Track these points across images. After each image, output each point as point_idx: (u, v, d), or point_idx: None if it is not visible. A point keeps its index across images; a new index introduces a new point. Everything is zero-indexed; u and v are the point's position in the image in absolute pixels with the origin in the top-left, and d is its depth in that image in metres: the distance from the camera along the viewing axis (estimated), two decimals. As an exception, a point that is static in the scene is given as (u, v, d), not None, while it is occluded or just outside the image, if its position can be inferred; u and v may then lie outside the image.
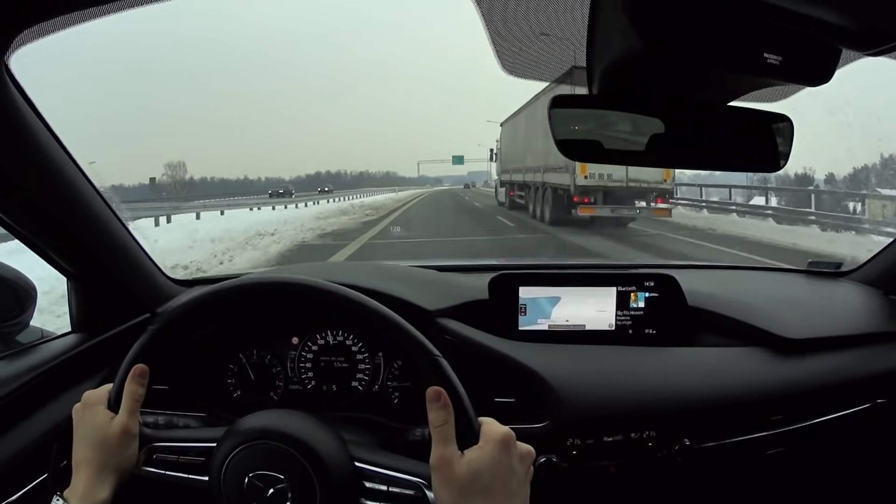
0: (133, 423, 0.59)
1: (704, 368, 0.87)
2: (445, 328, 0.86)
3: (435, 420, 0.52)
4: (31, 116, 0.65)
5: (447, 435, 0.52)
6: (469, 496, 0.50)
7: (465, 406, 0.53)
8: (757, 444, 0.85)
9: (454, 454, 0.51)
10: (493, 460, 0.51)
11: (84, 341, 0.85)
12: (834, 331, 0.94)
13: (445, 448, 0.51)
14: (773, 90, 0.68)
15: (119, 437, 0.57)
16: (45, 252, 0.78)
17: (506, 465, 0.51)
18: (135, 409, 0.59)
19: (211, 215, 12.85)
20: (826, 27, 0.54)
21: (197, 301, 0.61)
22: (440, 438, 0.52)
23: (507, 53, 0.65)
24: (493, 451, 0.51)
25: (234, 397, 0.89)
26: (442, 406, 0.52)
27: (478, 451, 0.51)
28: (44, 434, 0.75)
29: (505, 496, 0.50)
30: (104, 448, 0.57)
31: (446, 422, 0.52)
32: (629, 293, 0.93)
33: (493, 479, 0.50)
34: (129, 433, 0.58)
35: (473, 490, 0.50)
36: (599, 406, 0.80)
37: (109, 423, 0.58)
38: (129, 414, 0.58)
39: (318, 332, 0.89)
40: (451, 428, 0.52)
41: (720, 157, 0.70)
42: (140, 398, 0.59)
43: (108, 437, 0.57)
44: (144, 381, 0.60)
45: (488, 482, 0.50)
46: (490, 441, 0.52)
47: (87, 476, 0.56)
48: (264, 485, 0.55)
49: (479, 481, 0.50)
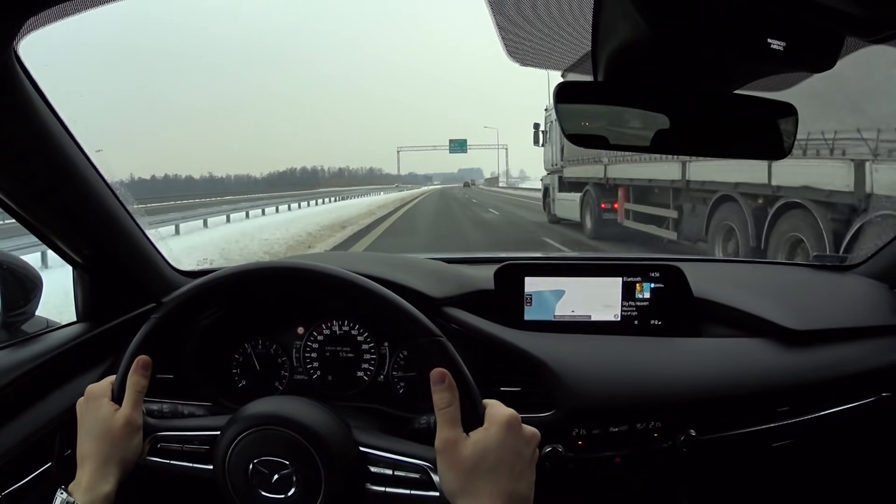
0: (137, 415, 0.59)
1: (710, 359, 0.86)
2: (451, 316, 0.86)
3: (440, 402, 0.52)
4: (40, 105, 0.65)
5: (452, 417, 0.51)
6: (475, 478, 0.49)
7: (470, 388, 0.53)
8: (762, 435, 0.84)
9: (460, 436, 0.51)
10: (499, 442, 0.51)
11: (89, 331, 0.85)
12: (840, 323, 0.93)
13: (451, 430, 0.51)
14: (778, 78, 0.69)
15: (123, 429, 0.57)
16: (52, 241, 0.79)
17: (511, 447, 0.51)
18: (138, 401, 0.59)
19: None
20: (830, 13, 0.54)
21: (197, 289, 0.61)
22: (445, 420, 0.51)
23: (513, 41, 0.65)
24: (499, 433, 0.51)
25: (240, 387, 0.89)
26: (447, 387, 0.52)
27: (483, 433, 0.51)
28: (48, 423, 0.75)
29: (511, 478, 0.50)
30: (108, 440, 0.57)
31: (451, 403, 0.52)
32: (635, 284, 0.92)
33: (499, 462, 0.50)
34: (133, 425, 0.58)
35: (479, 472, 0.49)
36: (605, 396, 0.79)
37: (113, 415, 0.58)
38: (133, 406, 0.58)
39: (323, 322, 0.89)
40: (457, 410, 0.52)
41: (725, 145, 0.70)
42: (143, 389, 0.59)
43: (112, 429, 0.57)
44: (147, 373, 0.59)
45: (494, 464, 0.50)
46: (495, 423, 0.52)
47: (92, 469, 0.56)
48: (269, 471, 0.55)
49: (485, 463, 0.50)
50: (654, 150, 0.71)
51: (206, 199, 23.01)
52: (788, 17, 0.55)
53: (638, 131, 0.71)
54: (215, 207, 15.26)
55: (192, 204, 17.46)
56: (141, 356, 0.59)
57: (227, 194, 26.79)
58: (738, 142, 0.71)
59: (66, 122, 0.70)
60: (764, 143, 0.71)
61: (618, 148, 0.70)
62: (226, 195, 25.47)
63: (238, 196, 26.44)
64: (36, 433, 0.74)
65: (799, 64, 0.60)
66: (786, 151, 0.69)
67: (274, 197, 22.73)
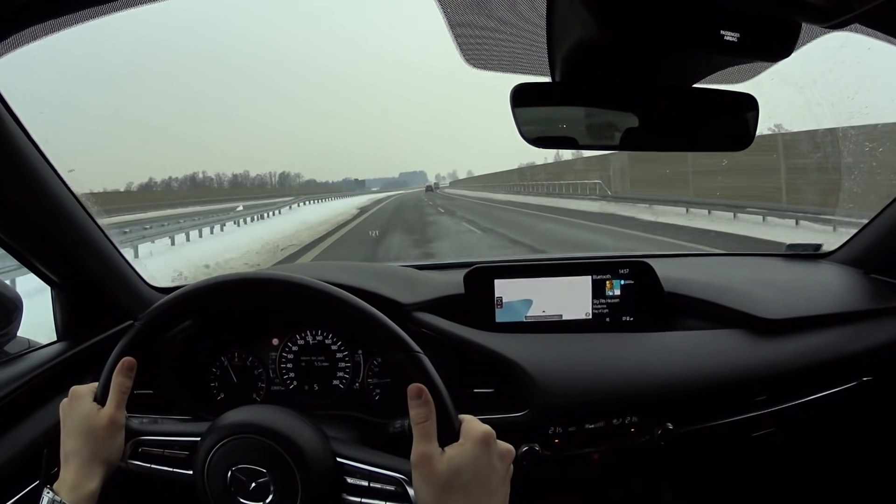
0: (120, 415, 0.59)
1: (683, 352, 0.87)
2: (422, 321, 0.86)
3: (416, 417, 0.52)
4: (11, 125, 0.65)
5: (428, 432, 0.52)
6: (449, 493, 0.50)
7: (446, 403, 0.53)
8: (742, 425, 0.85)
9: (435, 451, 0.51)
10: (474, 457, 0.51)
11: (69, 349, 0.86)
12: (815, 310, 0.93)
13: (426, 445, 0.51)
14: (738, 70, 0.68)
15: (107, 428, 0.58)
16: (29, 261, 0.79)
17: (486, 462, 0.52)
18: (122, 401, 0.59)
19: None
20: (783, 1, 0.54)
21: (177, 298, 0.61)
22: (421, 435, 0.52)
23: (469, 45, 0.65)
24: (474, 449, 0.51)
25: (218, 399, 0.89)
26: (423, 403, 0.52)
27: (458, 448, 0.52)
28: (33, 441, 0.76)
29: (485, 493, 0.51)
30: (92, 438, 0.58)
31: (428, 418, 0.52)
32: (604, 281, 0.93)
33: (473, 477, 0.51)
34: (117, 424, 0.59)
35: (453, 487, 0.50)
36: (579, 393, 0.80)
37: (97, 413, 0.59)
38: (117, 406, 0.59)
39: (297, 333, 0.90)
40: (433, 425, 0.52)
41: (687, 139, 0.70)
42: (127, 390, 0.60)
43: (96, 427, 0.58)
44: (132, 374, 0.60)
45: (468, 479, 0.50)
46: (470, 438, 0.52)
47: (76, 467, 0.57)
48: (247, 478, 0.55)
49: (459, 478, 0.50)
50: (622, 148, 0.71)
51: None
52: (739, 8, 0.55)
53: (603, 130, 0.70)
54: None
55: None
56: (126, 358, 0.60)
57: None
58: (704, 135, 0.71)
59: (39, 142, 0.71)
60: (728, 134, 0.70)
61: (586, 147, 0.69)
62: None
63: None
64: (21, 452, 0.74)
65: (755, 54, 0.59)
66: (750, 141, 0.69)
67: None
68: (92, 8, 0.56)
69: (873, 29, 0.64)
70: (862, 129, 3.52)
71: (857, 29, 0.64)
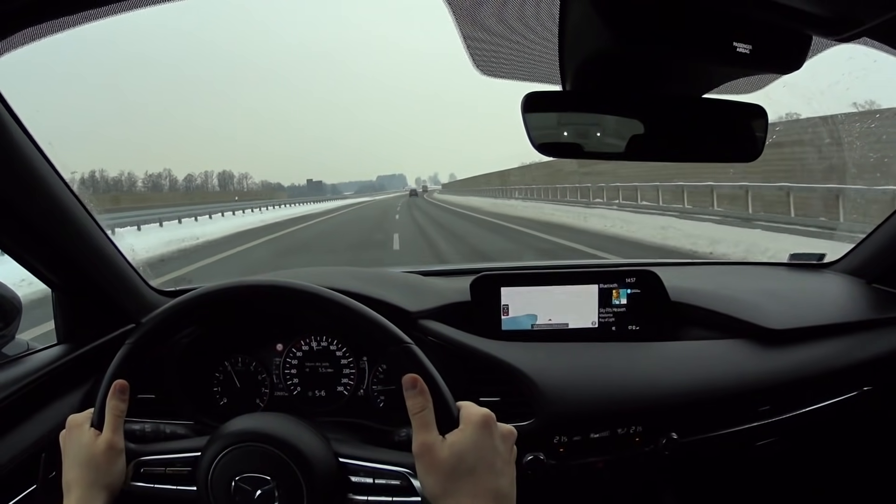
0: (118, 439, 0.59)
1: (689, 362, 0.87)
2: (429, 329, 0.86)
3: (413, 407, 0.52)
4: (13, 127, 0.65)
5: (427, 421, 0.52)
6: (455, 479, 0.50)
7: (443, 391, 0.53)
8: (745, 435, 0.85)
9: (436, 439, 0.51)
10: (475, 442, 0.51)
11: (70, 352, 0.85)
12: (818, 320, 0.94)
13: (427, 434, 0.51)
14: (748, 81, 0.69)
15: (105, 454, 0.58)
16: (29, 263, 0.78)
17: (488, 445, 0.51)
18: (118, 425, 0.59)
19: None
20: (795, 14, 0.54)
21: (170, 311, 0.61)
22: (420, 425, 0.52)
23: (480, 52, 0.65)
24: (475, 433, 0.51)
25: (221, 405, 0.89)
26: (419, 392, 0.52)
27: (459, 433, 0.51)
28: (31, 445, 0.75)
29: (491, 476, 0.50)
30: (92, 466, 0.57)
31: (425, 407, 0.52)
32: (611, 290, 0.93)
33: (478, 461, 0.50)
34: (115, 449, 0.58)
35: (459, 473, 0.50)
36: (584, 402, 0.80)
37: (94, 440, 0.58)
38: (113, 430, 0.59)
39: (301, 339, 0.89)
40: (431, 413, 0.52)
41: (697, 150, 0.70)
42: (122, 413, 0.60)
43: (95, 454, 0.58)
44: (125, 397, 0.60)
45: (472, 464, 0.50)
46: (470, 423, 0.52)
47: (78, 496, 0.56)
48: (251, 487, 0.55)
49: (464, 464, 0.50)
50: (628, 158, 0.71)
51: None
52: (752, 20, 0.55)
53: (612, 139, 0.70)
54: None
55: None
56: (118, 381, 0.59)
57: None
58: (712, 146, 0.71)
59: (41, 144, 0.70)
60: (737, 146, 0.70)
61: (592, 156, 0.69)
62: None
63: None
64: (19, 455, 0.74)
65: (766, 66, 0.60)
66: (758, 153, 0.69)
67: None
68: (92, 9, 0.55)
69: (882, 43, 0.65)
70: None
71: (865, 42, 0.65)
